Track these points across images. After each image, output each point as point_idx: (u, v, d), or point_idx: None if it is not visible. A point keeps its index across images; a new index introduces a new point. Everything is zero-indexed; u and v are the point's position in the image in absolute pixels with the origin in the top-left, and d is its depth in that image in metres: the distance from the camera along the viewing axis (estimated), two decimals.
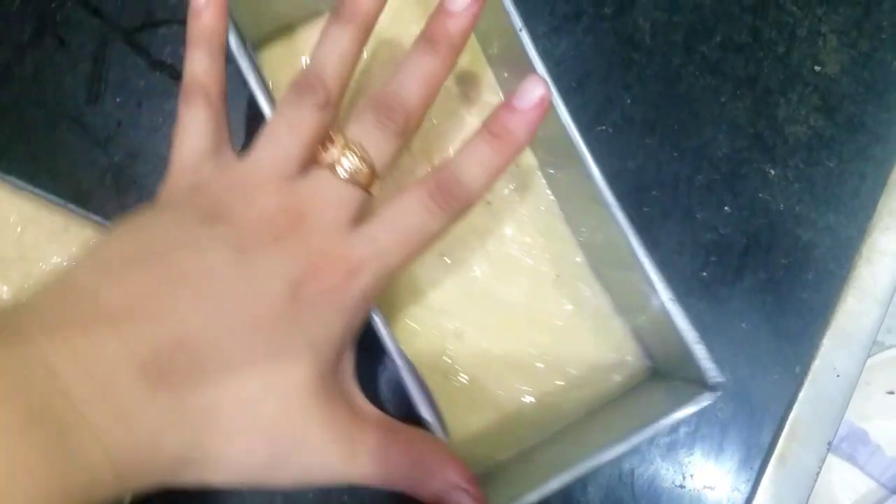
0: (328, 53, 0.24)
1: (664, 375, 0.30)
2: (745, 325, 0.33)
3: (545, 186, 0.32)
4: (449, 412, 0.26)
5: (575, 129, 0.27)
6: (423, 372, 0.26)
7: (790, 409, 0.34)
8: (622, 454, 0.25)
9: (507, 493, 0.25)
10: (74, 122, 0.33)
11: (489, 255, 0.31)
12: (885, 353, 0.50)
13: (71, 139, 0.33)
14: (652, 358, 0.31)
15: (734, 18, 0.36)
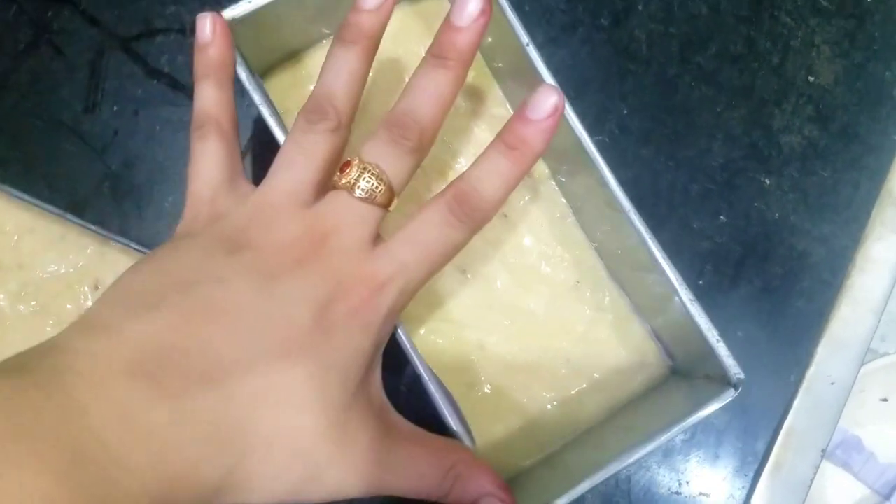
0: (336, 76, 0.24)
1: (685, 374, 0.30)
2: (740, 333, 0.34)
3: (559, 195, 0.32)
4: (473, 421, 0.26)
5: (587, 136, 0.27)
6: (447, 384, 0.26)
7: (785, 416, 0.34)
8: (648, 454, 0.26)
9: (535, 498, 0.25)
10: (71, 130, 0.33)
11: (508, 265, 0.31)
12: (879, 360, 0.50)
13: (68, 148, 0.33)
14: (672, 357, 0.31)
15: (729, 29, 0.36)
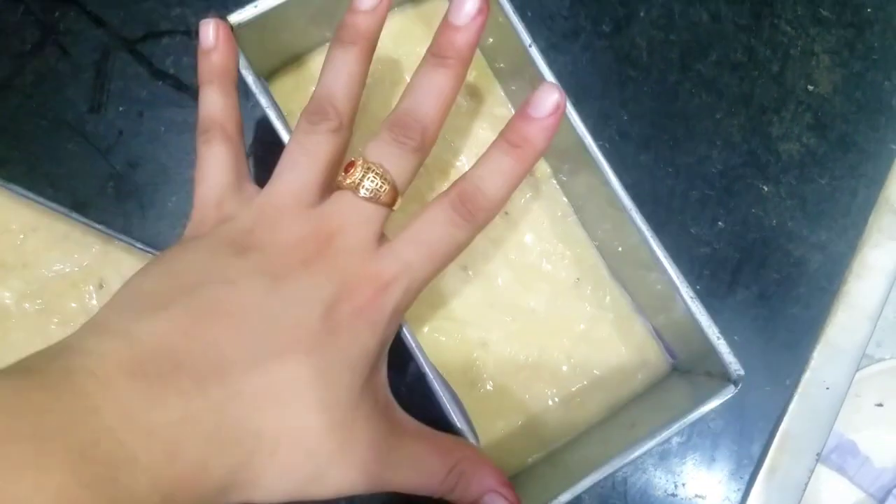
0: (335, 77, 0.24)
1: (685, 371, 0.30)
2: (737, 338, 0.34)
3: (560, 193, 0.32)
4: (475, 419, 0.27)
5: (589, 135, 0.27)
6: (449, 382, 0.26)
7: (780, 420, 0.34)
8: (648, 450, 0.26)
9: (538, 494, 0.26)
10: (76, 131, 0.33)
11: (510, 264, 0.31)
12: (874, 366, 0.50)
13: (72, 148, 0.33)
14: (673, 355, 0.31)
15: (729, 37, 0.36)
